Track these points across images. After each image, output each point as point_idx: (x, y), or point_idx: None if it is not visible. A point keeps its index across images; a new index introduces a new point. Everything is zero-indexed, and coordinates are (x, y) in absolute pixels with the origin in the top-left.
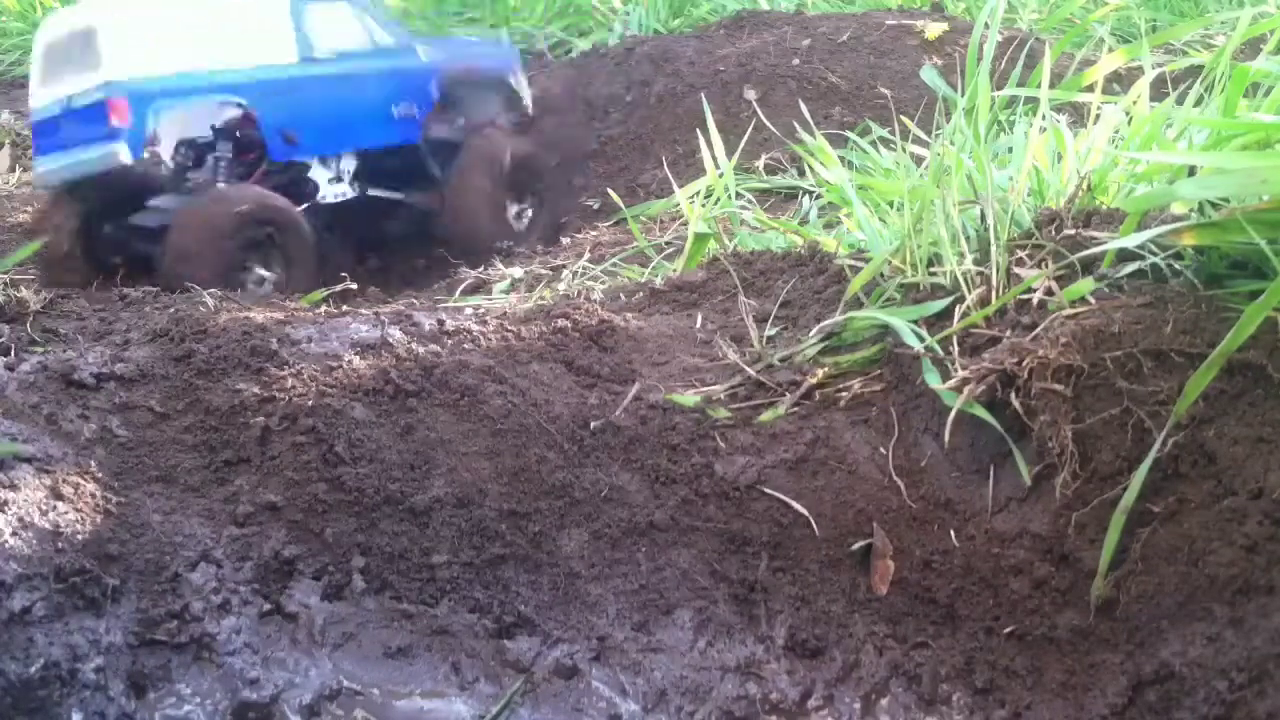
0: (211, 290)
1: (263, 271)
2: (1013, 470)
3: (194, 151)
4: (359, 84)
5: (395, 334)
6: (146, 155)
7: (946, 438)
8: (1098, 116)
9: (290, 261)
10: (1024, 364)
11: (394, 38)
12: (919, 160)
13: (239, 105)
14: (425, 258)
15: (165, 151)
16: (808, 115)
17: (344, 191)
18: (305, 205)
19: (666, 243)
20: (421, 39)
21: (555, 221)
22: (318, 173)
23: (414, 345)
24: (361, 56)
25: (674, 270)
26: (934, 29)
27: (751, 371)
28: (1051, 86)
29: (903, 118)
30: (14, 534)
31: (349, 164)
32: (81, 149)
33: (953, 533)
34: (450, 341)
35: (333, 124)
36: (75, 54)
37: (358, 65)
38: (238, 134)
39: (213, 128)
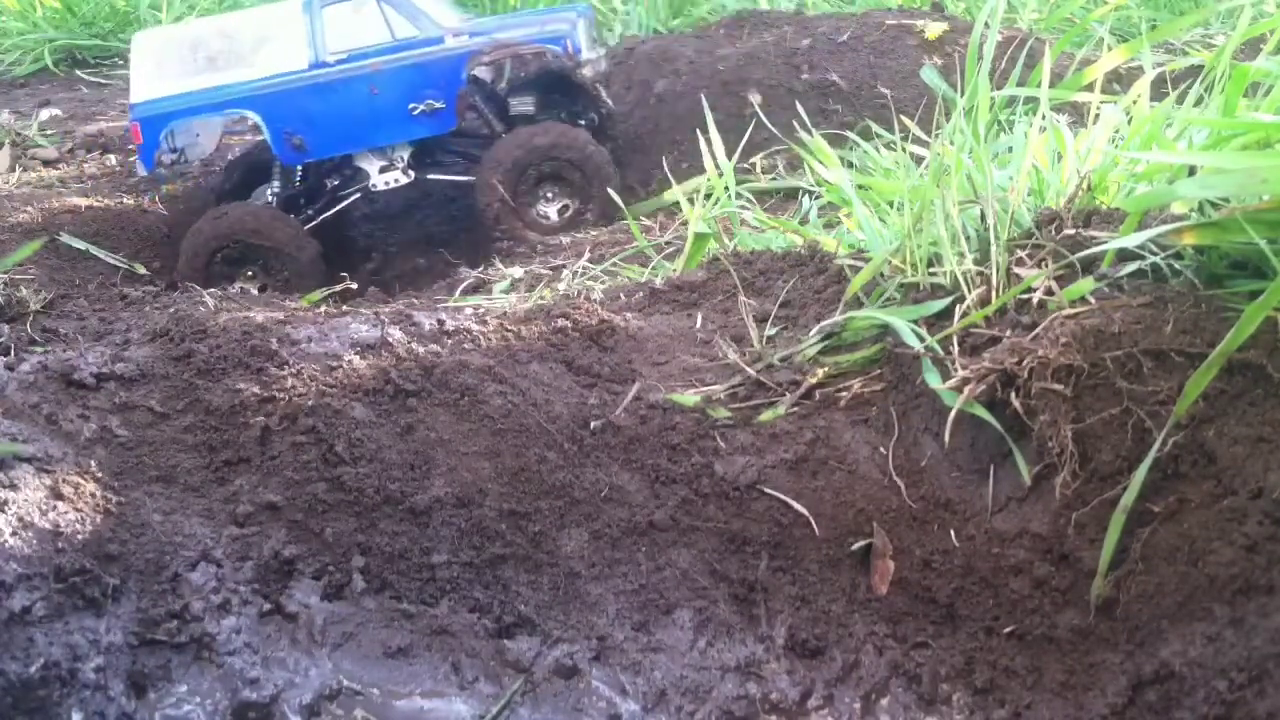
0: (211, 290)
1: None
2: (1013, 470)
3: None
4: (368, 84)
5: (395, 334)
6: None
7: (946, 438)
8: (1098, 116)
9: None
10: (1024, 364)
11: (422, 29)
12: (919, 160)
13: (245, 116)
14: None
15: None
16: (807, 115)
17: (396, 178)
18: (353, 193)
19: (666, 243)
20: (476, 18)
21: (603, 207)
22: (366, 161)
23: (414, 345)
24: (375, 55)
25: (674, 270)
26: (934, 29)
27: (751, 371)
28: (1051, 86)
29: (903, 117)
30: (14, 534)
31: (403, 150)
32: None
33: (953, 533)
34: (450, 341)
35: (340, 127)
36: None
37: (368, 65)
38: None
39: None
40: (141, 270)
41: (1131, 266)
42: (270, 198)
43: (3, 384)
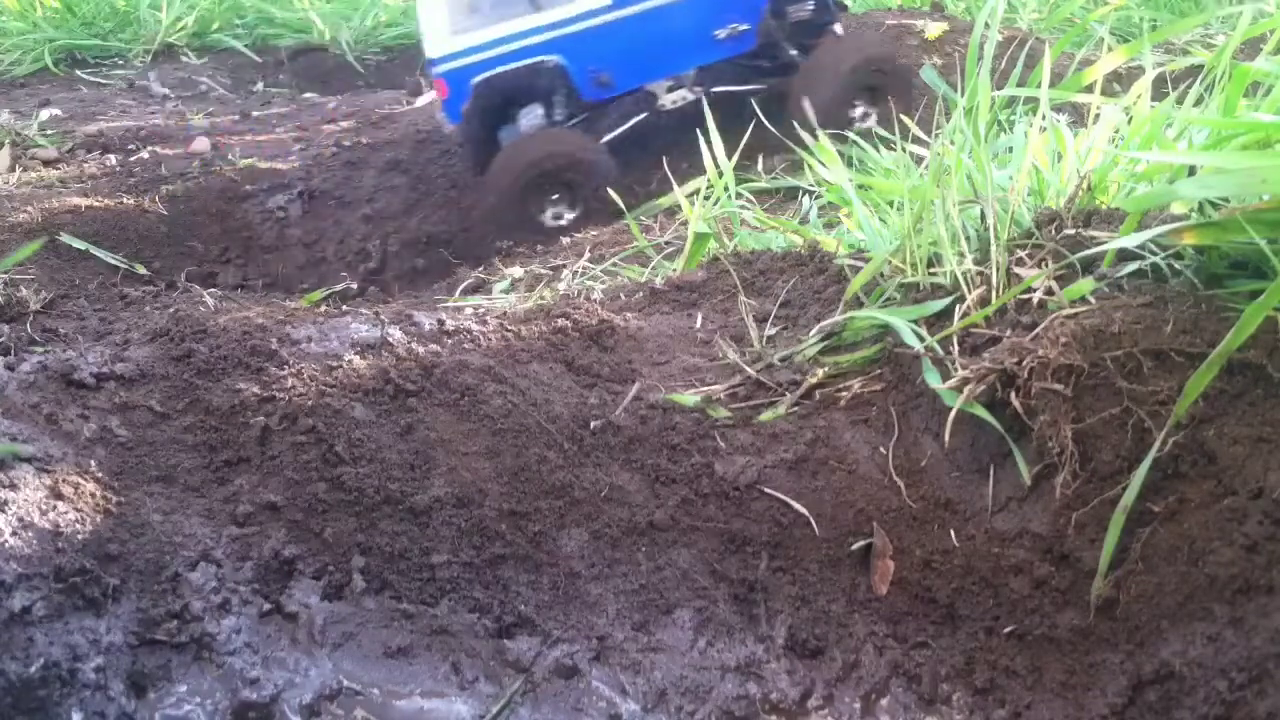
0: (211, 290)
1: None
2: (1013, 470)
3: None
4: (671, 16)
5: (395, 334)
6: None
7: (946, 437)
8: (1098, 116)
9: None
10: (1024, 364)
11: None
12: (919, 160)
13: (548, 60)
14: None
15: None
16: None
17: (684, 96)
18: (642, 113)
19: (666, 242)
20: None
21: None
22: (652, 84)
23: (414, 345)
24: None
25: (674, 270)
26: (934, 29)
27: (751, 371)
28: (1051, 86)
29: (903, 117)
30: (14, 534)
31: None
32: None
33: (953, 532)
34: (450, 341)
35: (645, 58)
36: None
37: None
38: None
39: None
40: (141, 270)
41: (1131, 266)
42: (543, 120)
43: (3, 384)
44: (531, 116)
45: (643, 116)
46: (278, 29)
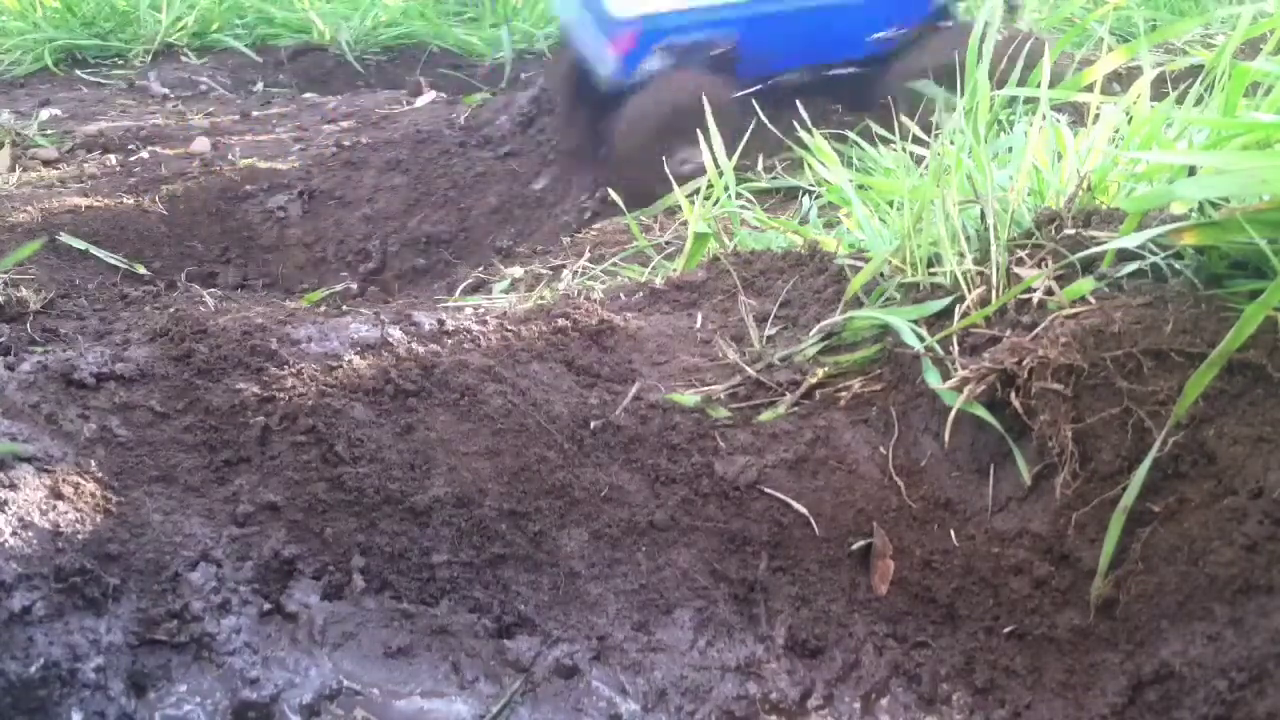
0: (211, 290)
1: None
2: (1013, 470)
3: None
4: (848, 14)
5: (395, 334)
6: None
7: (946, 437)
8: (1098, 116)
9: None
10: (1024, 364)
11: None
12: (919, 160)
13: (724, 38)
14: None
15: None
16: (807, 115)
17: (797, 77)
18: (758, 86)
19: (666, 242)
20: None
21: None
22: None
23: (414, 345)
24: None
25: (674, 270)
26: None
27: (751, 371)
28: (1051, 86)
29: (903, 117)
30: (14, 534)
31: None
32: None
33: (953, 532)
34: (450, 341)
35: (803, 47)
36: None
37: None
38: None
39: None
40: (142, 270)
41: (1131, 266)
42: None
43: (3, 384)
44: (653, 60)
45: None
46: (278, 29)
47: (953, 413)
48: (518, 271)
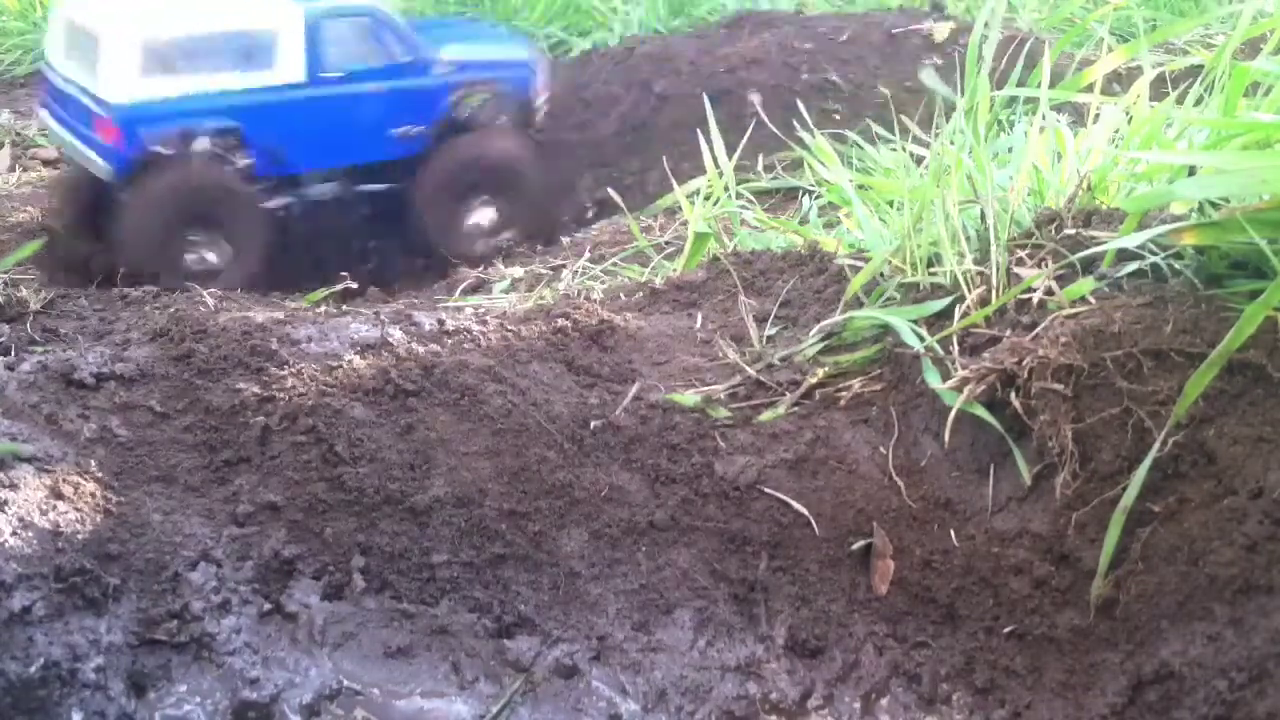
0: (212, 290)
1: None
2: (1013, 470)
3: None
4: (357, 105)
5: (395, 334)
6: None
7: (946, 437)
8: (1098, 116)
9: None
10: (1024, 364)
11: (413, 53)
12: (919, 160)
13: (229, 129)
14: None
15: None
16: (807, 115)
17: (329, 190)
18: (287, 201)
19: (666, 242)
20: (446, 27)
21: (549, 225)
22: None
23: (414, 345)
24: (369, 77)
25: (674, 270)
26: (940, 30)
27: (751, 371)
28: (1051, 86)
29: (903, 117)
30: (14, 534)
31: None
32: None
33: (953, 532)
34: (450, 341)
35: (321, 143)
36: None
37: (363, 87)
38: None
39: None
40: None
41: (1131, 266)
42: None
43: (3, 384)
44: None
45: (290, 201)
46: None
47: (953, 413)
48: (518, 271)
